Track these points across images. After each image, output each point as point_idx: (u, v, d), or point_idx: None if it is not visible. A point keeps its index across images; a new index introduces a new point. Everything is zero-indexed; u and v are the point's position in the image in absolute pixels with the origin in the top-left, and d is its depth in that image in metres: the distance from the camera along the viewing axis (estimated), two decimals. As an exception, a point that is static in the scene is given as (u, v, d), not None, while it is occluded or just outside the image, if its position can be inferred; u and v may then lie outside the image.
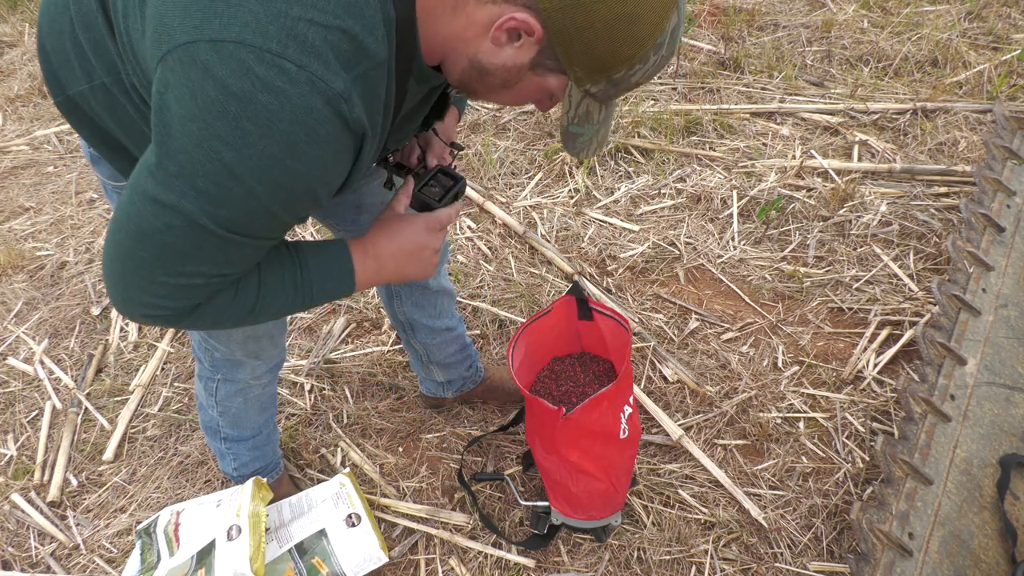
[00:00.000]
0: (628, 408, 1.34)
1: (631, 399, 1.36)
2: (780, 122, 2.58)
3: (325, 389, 1.87)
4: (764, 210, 2.18)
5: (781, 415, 1.71)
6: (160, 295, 0.76)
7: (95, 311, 2.13)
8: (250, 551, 1.30)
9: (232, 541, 1.33)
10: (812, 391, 1.76)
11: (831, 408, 1.72)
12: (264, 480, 1.48)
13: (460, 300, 2.04)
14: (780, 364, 1.82)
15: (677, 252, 2.14)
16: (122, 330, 2.08)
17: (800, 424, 1.69)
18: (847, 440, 1.65)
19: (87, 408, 1.86)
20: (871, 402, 1.72)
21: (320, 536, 1.44)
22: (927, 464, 1.38)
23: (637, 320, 1.95)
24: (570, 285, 1.96)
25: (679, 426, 1.68)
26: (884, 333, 1.86)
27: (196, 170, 0.67)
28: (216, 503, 1.45)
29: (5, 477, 1.74)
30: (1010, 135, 2.12)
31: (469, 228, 2.29)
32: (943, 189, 2.23)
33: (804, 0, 3.25)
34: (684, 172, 2.40)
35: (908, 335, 1.83)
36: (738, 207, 2.25)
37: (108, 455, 1.74)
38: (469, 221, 2.31)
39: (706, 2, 3.23)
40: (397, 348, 1.95)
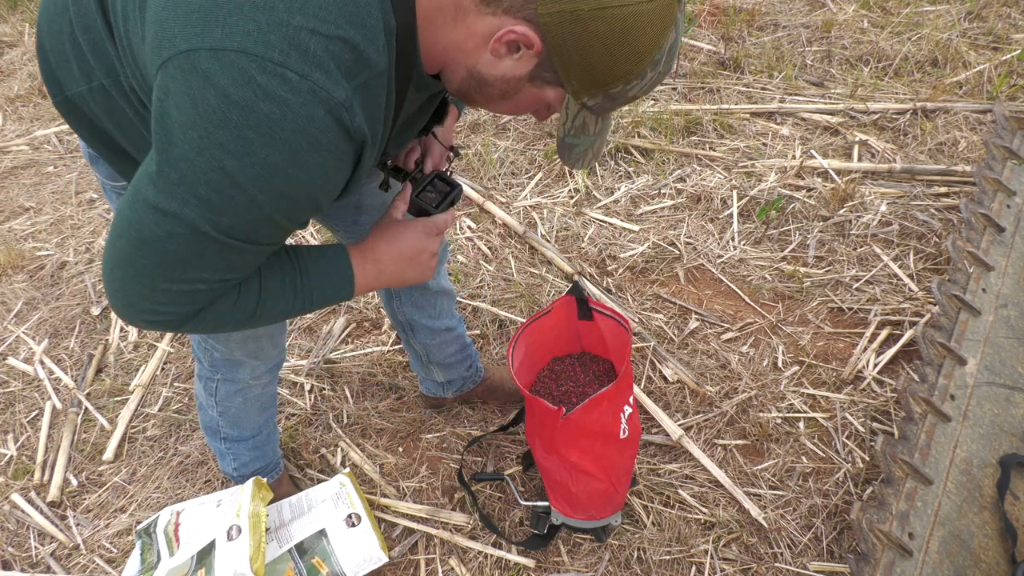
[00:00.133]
0: (628, 408, 1.34)
1: (631, 399, 1.36)
2: (780, 122, 2.58)
3: (325, 389, 1.87)
4: (764, 210, 2.18)
5: (781, 415, 1.71)
6: (162, 301, 0.76)
7: (95, 311, 2.13)
8: (250, 551, 1.31)
9: (232, 541, 1.33)
10: (812, 391, 1.76)
11: (831, 408, 1.72)
12: (264, 480, 1.48)
13: (460, 300, 2.04)
14: (780, 364, 1.82)
15: (677, 252, 2.14)
16: (122, 330, 2.08)
17: (800, 424, 1.69)
18: (847, 440, 1.65)
19: (87, 408, 1.86)
20: (871, 402, 1.72)
21: (320, 536, 1.44)
22: (927, 464, 1.38)
23: (637, 320, 1.95)
24: (570, 285, 1.96)
25: (679, 426, 1.68)
26: (884, 333, 1.86)
27: (198, 178, 0.67)
28: (216, 503, 1.45)
29: (5, 477, 1.74)
30: (1010, 135, 2.12)
31: (469, 228, 2.29)
32: (943, 189, 2.23)
33: (804, 0, 3.25)
34: (684, 172, 2.40)
35: (908, 335, 1.83)
36: (738, 207, 2.25)
37: (108, 455, 1.74)
38: (469, 221, 2.31)
39: (706, 2, 3.23)
40: (397, 348, 1.95)
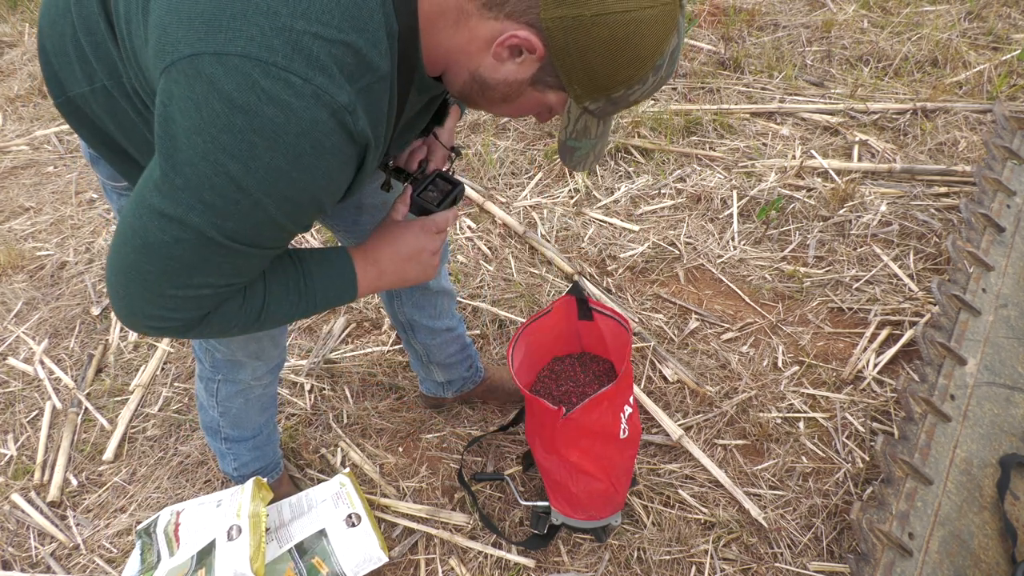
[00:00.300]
0: (628, 408, 1.34)
1: (631, 399, 1.36)
2: (780, 122, 2.58)
3: (325, 389, 1.87)
4: (764, 210, 2.18)
5: (781, 415, 1.71)
6: (168, 308, 0.76)
7: (95, 311, 2.13)
8: (250, 551, 1.31)
9: (232, 541, 1.33)
10: (812, 391, 1.76)
11: (831, 408, 1.72)
12: (264, 480, 1.48)
13: (460, 300, 2.04)
14: (780, 364, 1.82)
15: (677, 252, 2.14)
16: (122, 330, 2.08)
17: (800, 424, 1.69)
18: (847, 440, 1.65)
19: (87, 408, 1.86)
20: (871, 402, 1.72)
21: (320, 536, 1.44)
22: (927, 464, 1.38)
23: (637, 320, 1.95)
24: (570, 285, 1.96)
25: (679, 426, 1.68)
26: (884, 333, 1.86)
27: (202, 183, 0.67)
28: (216, 503, 1.45)
29: (5, 477, 1.74)
30: (1010, 135, 2.12)
31: (469, 228, 2.29)
32: (943, 189, 2.23)
33: (804, 0, 3.25)
34: (684, 172, 2.40)
35: (908, 335, 1.83)
36: (738, 207, 2.25)
37: (108, 455, 1.74)
38: (469, 221, 2.31)
39: (706, 2, 3.23)
40: (397, 348, 1.95)
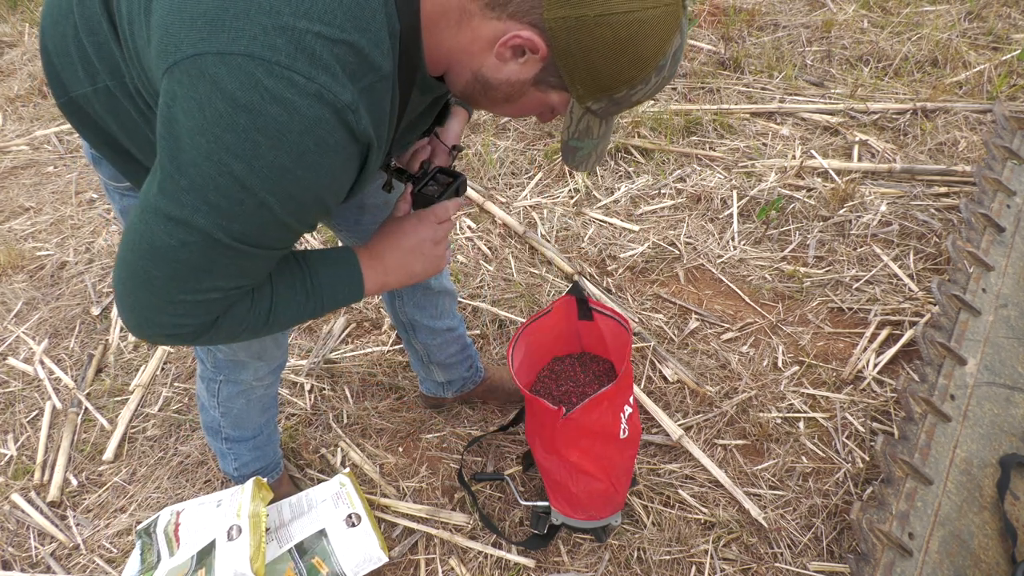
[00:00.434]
0: (628, 408, 1.34)
1: (631, 399, 1.36)
2: (780, 122, 2.58)
3: (325, 389, 1.87)
4: (764, 210, 2.18)
5: (781, 415, 1.71)
6: (179, 314, 0.76)
7: (95, 311, 2.13)
8: (250, 551, 1.31)
9: (232, 541, 1.33)
10: (812, 391, 1.76)
11: (831, 408, 1.72)
12: (264, 480, 1.48)
13: (460, 300, 2.04)
14: (780, 364, 1.82)
15: (677, 252, 2.14)
16: (122, 330, 2.07)
17: (800, 424, 1.69)
18: (847, 440, 1.65)
19: (87, 408, 1.86)
20: (871, 402, 1.72)
21: (320, 536, 1.44)
22: (927, 464, 1.38)
23: (637, 320, 1.95)
24: (570, 285, 1.96)
25: (679, 426, 1.68)
26: (884, 333, 1.86)
27: (207, 184, 0.67)
28: (216, 503, 1.45)
29: (5, 477, 1.74)
30: (1010, 135, 2.12)
31: (469, 228, 2.29)
32: (943, 189, 2.23)
33: (804, 0, 3.25)
34: (684, 172, 2.40)
35: (908, 335, 1.83)
36: (738, 207, 2.25)
37: (108, 455, 1.74)
38: (469, 221, 2.31)
39: (706, 2, 3.23)
40: (397, 348, 1.95)
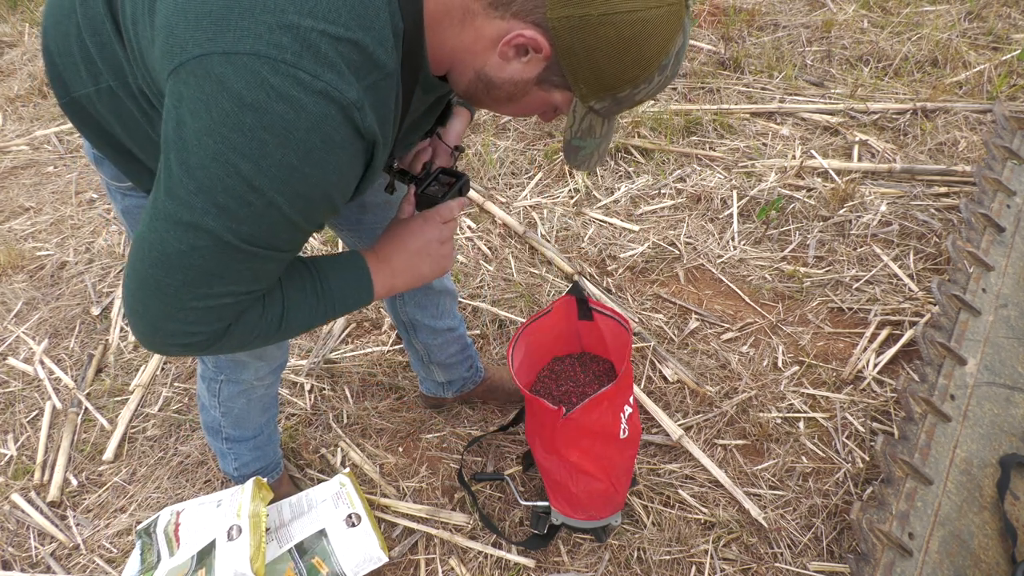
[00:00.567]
0: (628, 408, 1.34)
1: (631, 399, 1.36)
2: (780, 122, 2.58)
3: (325, 389, 1.87)
4: (764, 210, 2.18)
5: (781, 415, 1.71)
6: (192, 321, 0.76)
7: (95, 311, 2.13)
8: (250, 551, 1.31)
9: (232, 541, 1.33)
10: (812, 391, 1.76)
11: (831, 408, 1.72)
12: (264, 480, 1.48)
13: (460, 300, 2.04)
14: (780, 364, 1.82)
15: (677, 252, 2.14)
16: (122, 330, 2.08)
17: (800, 424, 1.69)
18: (847, 440, 1.65)
19: (87, 408, 1.86)
20: (871, 402, 1.72)
21: (320, 536, 1.44)
22: (927, 464, 1.38)
23: (637, 320, 1.95)
24: (570, 285, 1.96)
25: (679, 426, 1.68)
26: (884, 333, 1.86)
27: (215, 185, 0.67)
28: (216, 503, 1.45)
29: (5, 477, 1.74)
30: (1010, 135, 2.12)
31: (469, 228, 2.29)
32: (943, 189, 2.23)
33: (804, 0, 3.25)
34: (684, 172, 2.40)
35: (908, 335, 1.83)
36: (738, 207, 2.25)
37: (108, 455, 1.74)
38: (469, 221, 2.31)
39: (706, 2, 3.23)
40: (397, 348, 1.95)
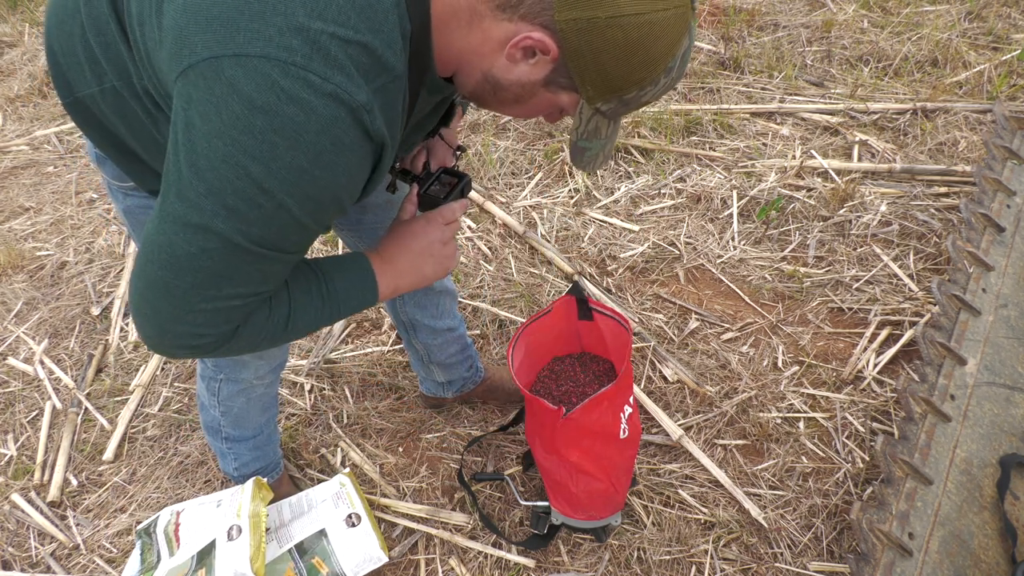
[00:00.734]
0: (628, 408, 1.34)
1: (631, 399, 1.36)
2: (780, 122, 2.58)
3: (325, 389, 1.87)
4: (764, 210, 2.18)
5: (781, 415, 1.71)
6: (200, 323, 0.76)
7: (95, 311, 2.13)
8: (250, 551, 1.31)
9: (232, 541, 1.33)
10: (812, 391, 1.76)
11: (831, 408, 1.72)
12: (264, 480, 1.48)
13: (460, 300, 2.04)
14: (780, 364, 1.82)
15: (677, 252, 2.14)
16: (122, 330, 2.08)
17: (800, 424, 1.69)
18: (847, 440, 1.65)
19: (87, 408, 1.86)
20: (871, 402, 1.72)
21: (320, 536, 1.44)
22: (927, 464, 1.38)
23: (637, 320, 1.95)
24: (570, 285, 1.96)
25: (679, 426, 1.68)
26: (884, 333, 1.86)
27: (225, 188, 0.67)
28: (216, 503, 1.45)
29: (5, 477, 1.74)
30: (1010, 135, 2.12)
31: (469, 228, 2.29)
32: (943, 189, 2.23)
33: (804, 0, 3.25)
34: (684, 172, 2.40)
35: (908, 335, 1.83)
36: (738, 207, 2.25)
37: (108, 455, 1.74)
38: (469, 221, 2.31)
39: (706, 2, 3.23)
40: (397, 348, 1.95)
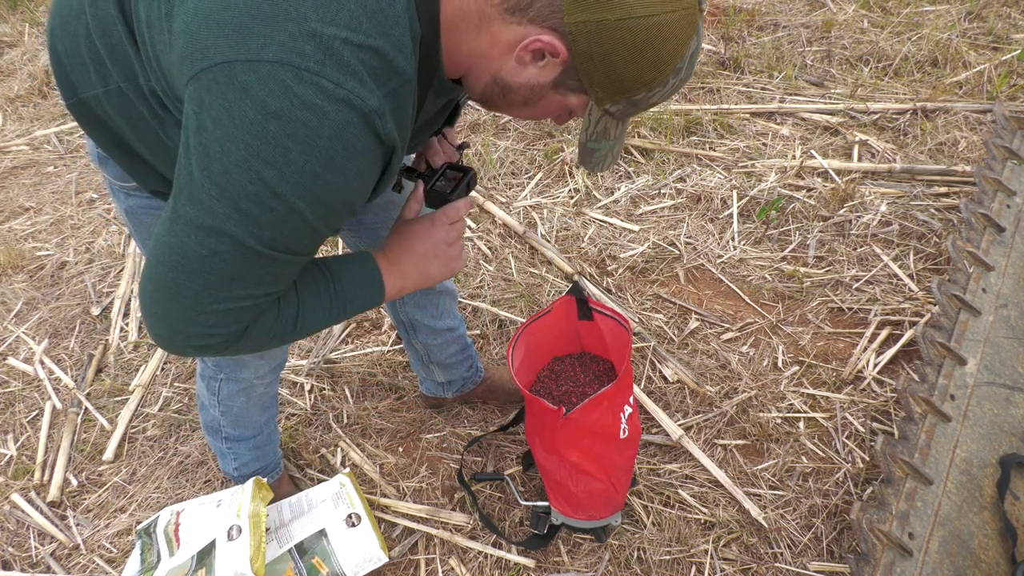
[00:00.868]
0: (628, 408, 1.34)
1: (631, 399, 1.36)
2: (780, 122, 2.58)
3: (325, 389, 1.87)
4: (764, 210, 2.18)
5: (781, 415, 1.71)
6: (210, 324, 0.76)
7: (95, 311, 2.13)
8: (250, 551, 1.31)
9: (232, 541, 1.33)
10: (812, 391, 1.76)
11: (831, 408, 1.72)
12: (264, 480, 1.48)
13: (460, 300, 2.04)
14: (780, 364, 1.82)
15: (677, 252, 2.14)
16: (122, 330, 2.08)
17: (800, 424, 1.69)
18: (847, 440, 1.65)
19: (87, 408, 1.86)
20: (871, 402, 1.72)
21: (320, 536, 1.44)
22: (927, 464, 1.38)
23: (637, 320, 1.95)
24: (570, 285, 1.96)
25: (679, 426, 1.68)
26: (884, 333, 1.86)
27: (238, 192, 0.67)
28: (216, 503, 1.45)
29: (5, 477, 1.74)
30: (1010, 135, 2.12)
31: (469, 228, 2.29)
32: (943, 189, 2.23)
33: (804, 0, 3.25)
34: (684, 172, 2.40)
35: (908, 335, 1.83)
36: (738, 207, 2.25)
37: (108, 455, 1.74)
38: (469, 221, 2.31)
39: (706, 2, 3.22)
40: (397, 348, 1.95)
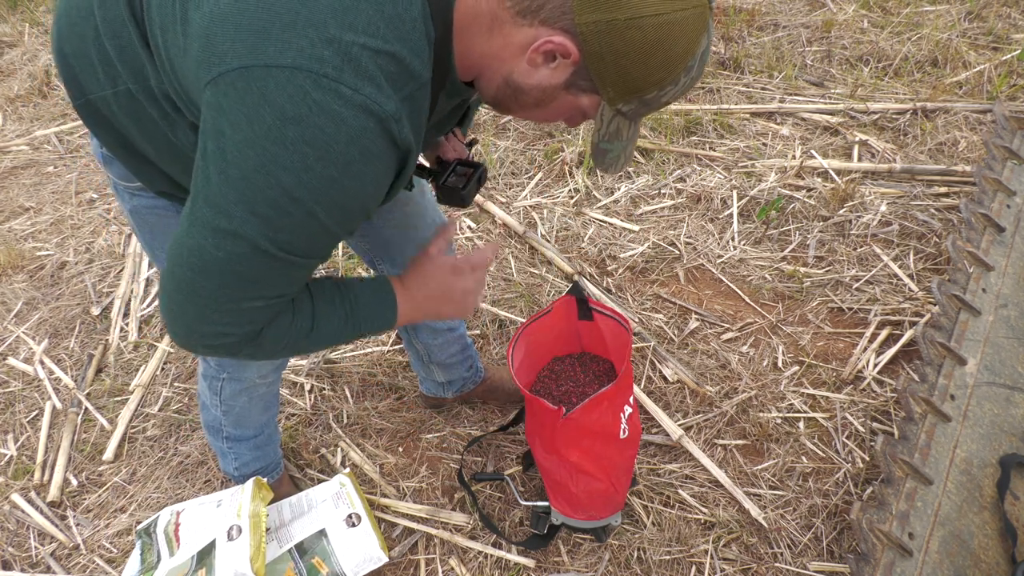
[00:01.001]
0: (628, 408, 1.34)
1: (631, 399, 1.36)
2: (780, 122, 2.58)
3: (325, 389, 1.87)
4: (764, 210, 2.18)
5: (781, 415, 1.71)
6: (226, 323, 0.78)
7: (95, 311, 2.13)
8: (250, 551, 1.31)
9: (232, 541, 1.33)
10: (812, 391, 1.76)
11: (831, 408, 1.72)
12: (264, 480, 1.48)
13: (460, 300, 2.04)
14: (780, 364, 1.82)
15: (677, 252, 2.14)
16: (122, 330, 2.08)
17: (800, 424, 1.69)
18: (847, 440, 1.65)
19: (87, 408, 1.86)
20: (871, 402, 1.72)
21: (320, 536, 1.44)
22: (927, 464, 1.38)
23: (637, 320, 1.95)
24: (570, 285, 1.96)
25: (679, 426, 1.68)
26: (884, 333, 1.86)
27: (256, 196, 0.68)
28: (216, 503, 1.45)
29: (5, 477, 1.74)
30: (1010, 135, 2.12)
31: (469, 228, 2.29)
32: (943, 189, 2.23)
33: (804, 0, 3.25)
34: (684, 172, 2.40)
35: (908, 335, 1.83)
36: (738, 207, 2.25)
37: (108, 455, 1.74)
38: (469, 221, 2.31)
39: (706, 2, 3.22)
40: (397, 348, 1.95)
